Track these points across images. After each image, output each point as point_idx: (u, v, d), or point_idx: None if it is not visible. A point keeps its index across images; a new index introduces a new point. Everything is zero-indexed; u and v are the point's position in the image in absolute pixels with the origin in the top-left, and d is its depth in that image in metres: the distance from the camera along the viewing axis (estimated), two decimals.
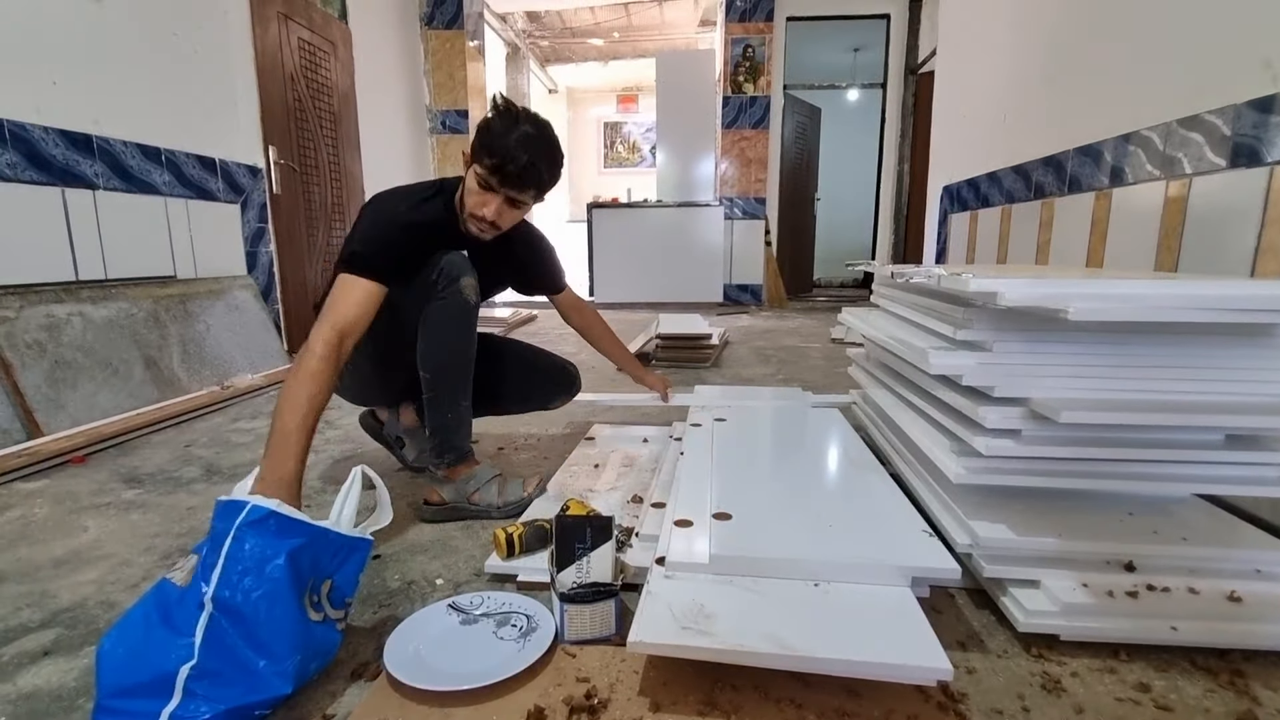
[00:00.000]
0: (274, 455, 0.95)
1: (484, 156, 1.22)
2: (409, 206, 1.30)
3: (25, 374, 1.92)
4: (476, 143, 1.24)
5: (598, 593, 0.92)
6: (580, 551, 0.92)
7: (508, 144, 1.20)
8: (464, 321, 1.29)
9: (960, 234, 3.69)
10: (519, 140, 1.20)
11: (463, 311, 1.28)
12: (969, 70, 3.66)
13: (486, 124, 1.24)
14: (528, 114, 1.26)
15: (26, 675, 0.90)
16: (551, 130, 1.28)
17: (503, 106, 1.24)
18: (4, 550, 1.27)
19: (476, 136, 1.25)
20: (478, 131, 1.24)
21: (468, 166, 1.28)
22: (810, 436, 1.63)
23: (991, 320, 0.99)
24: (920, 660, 0.75)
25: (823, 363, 3.15)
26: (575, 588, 0.92)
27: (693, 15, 7.10)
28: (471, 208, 1.27)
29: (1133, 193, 2.11)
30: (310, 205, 3.71)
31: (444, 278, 1.26)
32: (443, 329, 1.28)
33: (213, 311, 2.72)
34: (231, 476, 1.66)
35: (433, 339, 1.29)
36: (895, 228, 6.06)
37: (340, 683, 0.86)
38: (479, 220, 1.28)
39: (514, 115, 1.23)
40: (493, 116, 1.24)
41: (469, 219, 1.29)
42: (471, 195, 1.27)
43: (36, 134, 2.13)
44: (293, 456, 0.95)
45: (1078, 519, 1.03)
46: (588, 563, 0.92)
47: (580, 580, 0.92)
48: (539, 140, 1.23)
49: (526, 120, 1.24)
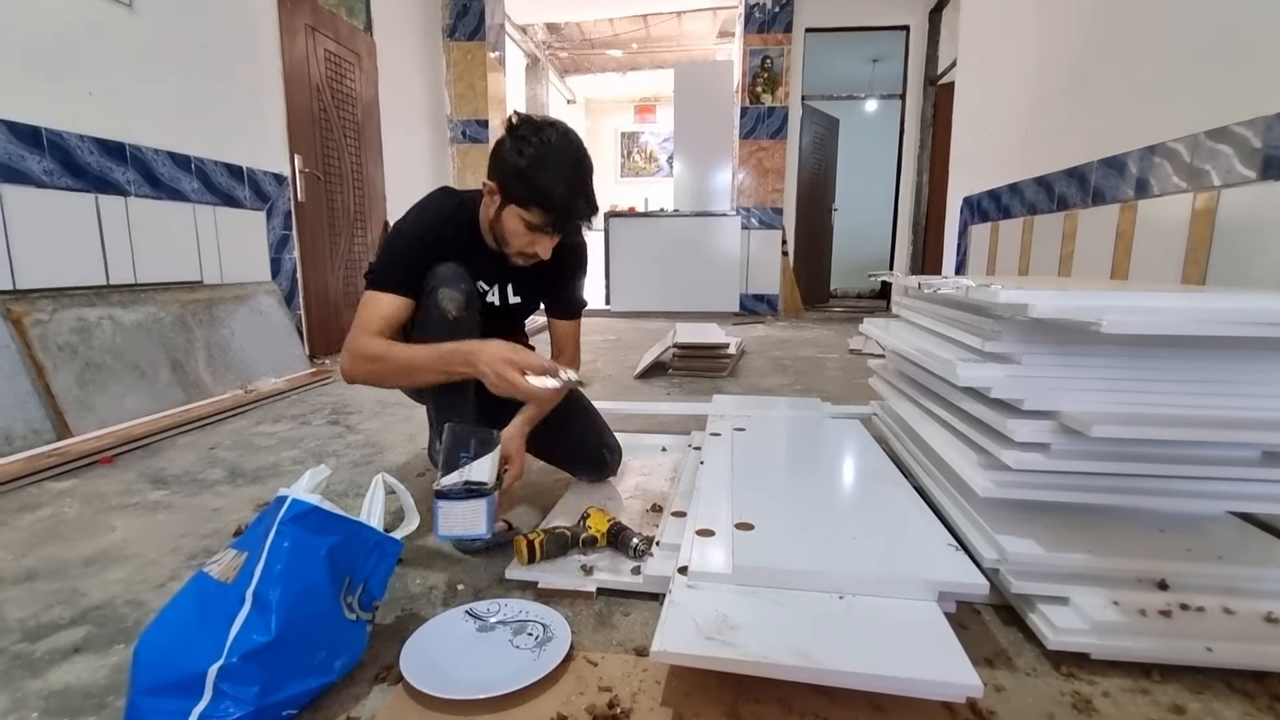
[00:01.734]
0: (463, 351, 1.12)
1: (528, 203, 1.16)
2: (426, 224, 1.27)
3: (57, 376, 1.96)
4: (513, 183, 1.16)
5: (469, 491, 0.95)
6: (464, 459, 0.96)
7: (555, 190, 1.14)
8: (440, 331, 1.20)
9: (981, 245, 3.66)
10: (566, 181, 1.15)
11: (439, 323, 1.19)
12: (990, 81, 3.64)
13: (520, 163, 1.14)
14: (558, 137, 1.17)
15: (57, 672, 0.91)
16: (581, 144, 1.21)
17: (531, 136, 1.15)
18: (35, 548, 1.29)
19: (507, 173, 1.16)
20: (508, 168, 1.16)
21: (495, 199, 1.21)
22: (831, 447, 1.62)
23: (1021, 332, 0.98)
24: (949, 676, 0.74)
25: (841, 374, 3.13)
26: (449, 487, 0.93)
27: (711, 27, 7.14)
28: (520, 247, 1.23)
29: (1159, 205, 2.08)
30: (333, 213, 3.76)
31: (426, 288, 1.22)
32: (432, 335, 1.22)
33: (237, 316, 2.76)
34: (255, 479, 1.68)
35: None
36: (914, 239, 6.03)
37: (364, 685, 0.87)
38: (528, 256, 1.25)
39: (548, 145, 1.14)
40: (522, 148, 1.14)
41: (515, 255, 1.25)
42: (517, 237, 1.21)
43: (72, 142, 2.19)
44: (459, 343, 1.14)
45: (1108, 535, 1.02)
46: (469, 470, 0.95)
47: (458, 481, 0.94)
48: (580, 170, 1.18)
49: (562, 150, 1.16)
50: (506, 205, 1.19)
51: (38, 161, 2.08)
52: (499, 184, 1.19)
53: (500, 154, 1.18)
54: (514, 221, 1.20)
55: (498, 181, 1.19)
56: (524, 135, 1.16)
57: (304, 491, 0.84)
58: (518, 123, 1.18)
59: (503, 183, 1.18)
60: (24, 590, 1.13)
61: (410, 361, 1.16)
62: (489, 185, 1.21)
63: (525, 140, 1.15)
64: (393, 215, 4.37)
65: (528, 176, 1.14)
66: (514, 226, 1.20)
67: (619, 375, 2.98)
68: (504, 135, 1.19)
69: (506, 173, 1.16)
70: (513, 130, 1.18)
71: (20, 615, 1.05)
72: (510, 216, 1.20)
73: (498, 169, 1.19)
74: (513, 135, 1.17)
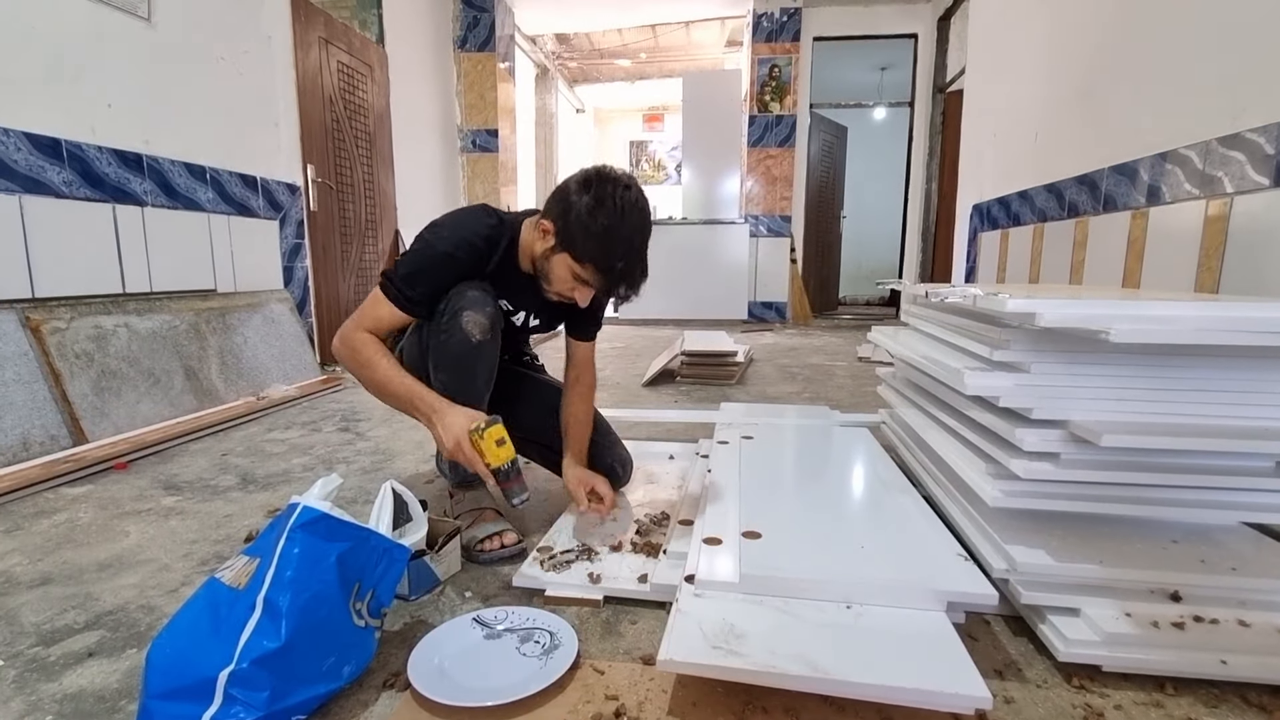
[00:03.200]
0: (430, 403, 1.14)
1: (586, 262, 1.14)
2: (462, 240, 1.21)
3: (73, 383, 1.99)
4: (577, 238, 1.13)
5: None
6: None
7: (617, 263, 1.13)
8: (461, 356, 1.19)
9: (991, 253, 3.64)
10: (629, 255, 1.14)
11: (462, 346, 1.18)
12: (1000, 88, 3.64)
13: (589, 224, 1.11)
14: (630, 205, 1.13)
15: (72, 675, 0.92)
16: (649, 213, 1.18)
17: (606, 200, 1.11)
18: (51, 552, 1.31)
19: (574, 227, 1.13)
20: (575, 222, 1.12)
21: (550, 240, 1.17)
22: (839, 456, 1.61)
23: (1029, 340, 0.98)
24: (958, 688, 0.74)
25: (849, 381, 3.12)
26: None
27: (719, 36, 7.17)
28: (561, 291, 1.21)
29: (1170, 212, 2.07)
30: (345, 222, 3.80)
31: (449, 310, 1.19)
32: (439, 364, 1.22)
33: (250, 324, 2.80)
34: (266, 485, 1.69)
35: (433, 376, 1.23)
36: (923, 246, 6.01)
37: (372, 691, 0.87)
38: (564, 297, 1.23)
39: (621, 214, 1.12)
40: (595, 211, 1.11)
41: (552, 293, 1.23)
42: (562, 282, 1.19)
43: (91, 153, 2.23)
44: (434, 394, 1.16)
45: (1118, 546, 1.01)
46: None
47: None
48: (644, 242, 1.16)
49: (633, 221, 1.13)
50: (561, 252, 1.16)
51: (57, 172, 2.12)
52: (559, 231, 1.15)
53: (568, 203, 1.14)
54: (563, 269, 1.17)
55: (559, 228, 1.15)
56: (600, 197, 1.12)
57: (315, 499, 0.85)
58: (595, 179, 1.14)
59: (565, 233, 1.14)
60: (39, 595, 1.15)
61: (385, 384, 1.18)
62: (546, 225, 1.17)
63: (600, 203, 1.11)
64: (403, 224, 4.42)
65: (594, 240, 1.12)
66: (562, 273, 1.18)
67: (626, 383, 2.99)
68: (577, 185, 1.15)
69: (573, 226, 1.13)
70: (588, 186, 1.13)
71: (35, 619, 1.07)
72: (561, 263, 1.17)
73: (563, 217, 1.14)
74: (588, 190, 1.13)
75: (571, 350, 1.46)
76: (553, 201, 1.18)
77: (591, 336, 1.46)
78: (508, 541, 1.24)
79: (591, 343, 1.47)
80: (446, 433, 1.11)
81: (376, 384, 1.19)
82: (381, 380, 1.18)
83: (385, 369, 1.17)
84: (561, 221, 1.15)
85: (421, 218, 1.49)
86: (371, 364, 1.18)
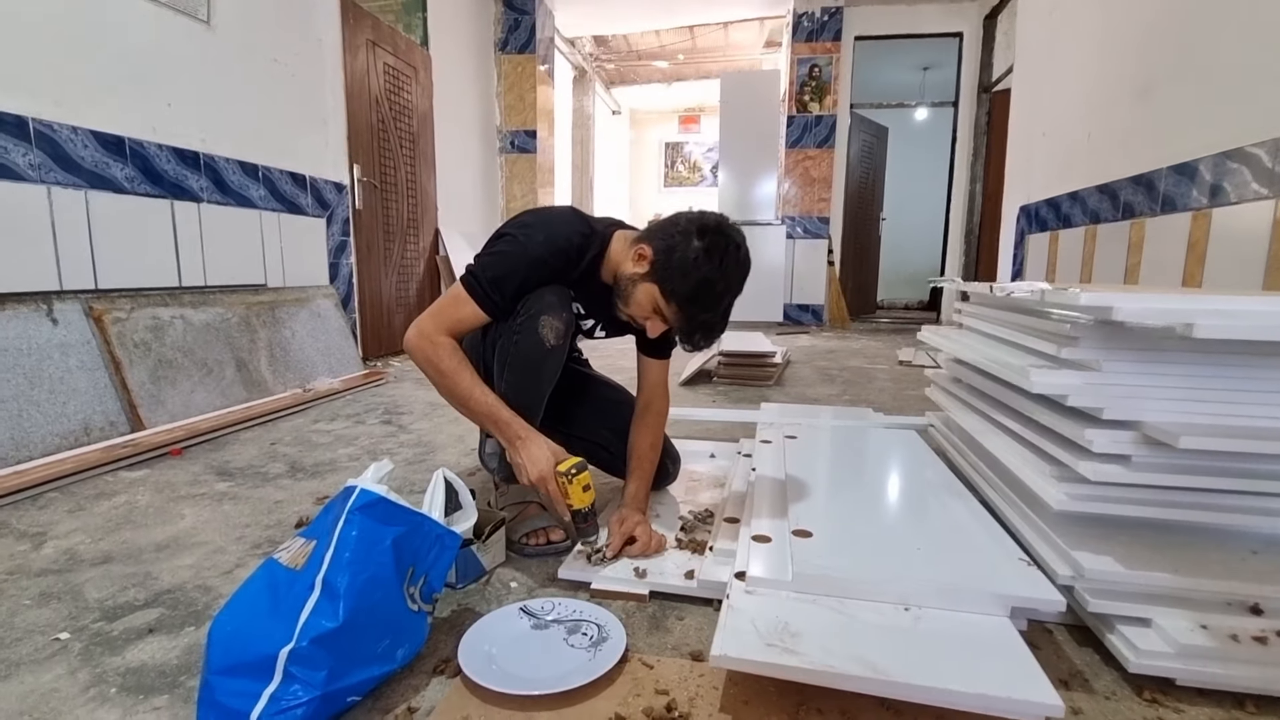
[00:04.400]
0: (515, 430, 1.15)
1: (674, 302, 1.12)
2: (557, 249, 1.18)
3: (133, 371, 2.06)
4: (676, 278, 1.10)
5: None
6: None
7: (706, 316, 1.13)
8: (532, 359, 1.19)
9: (1039, 255, 3.54)
10: (722, 312, 1.14)
11: (535, 350, 1.18)
12: (1049, 87, 3.53)
13: (694, 272, 1.09)
14: (737, 266, 1.12)
15: (133, 650, 0.95)
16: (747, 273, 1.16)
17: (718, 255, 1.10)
18: (111, 532, 1.36)
19: (675, 267, 1.10)
20: (679, 263, 1.10)
21: (644, 266, 1.14)
22: (887, 457, 1.58)
23: (1100, 337, 0.94)
24: (1028, 694, 0.71)
25: (891, 385, 3.06)
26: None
27: (758, 37, 7.12)
28: (636, 316, 1.19)
29: (1235, 213, 1.98)
30: (388, 220, 3.88)
31: (526, 311, 1.17)
32: (508, 363, 1.21)
33: (298, 319, 2.86)
34: (314, 474, 1.73)
35: (497, 373, 1.22)
36: (966, 249, 5.86)
37: (423, 677, 0.88)
38: (636, 321, 1.21)
39: (726, 273, 1.11)
40: (703, 263, 1.09)
41: (625, 314, 1.21)
42: (640, 309, 1.17)
43: (152, 150, 2.31)
44: (518, 419, 1.16)
45: (1193, 555, 0.96)
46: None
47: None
48: (731, 302, 1.15)
49: (734, 282, 1.13)
50: (650, 283, 1.14)
51: (120, 169, 2.20)
52: (658, 264, 1.12)
53: (675, 241, 1.11)
54: (647, 298, 1.15)
55: (659, 261, 1.12)
56: (711, 248, 1.10)
57: (370, 483, 0.86)
58: (714, 230, 1.12)
59: (663, 268, 1.12)
60: (101, 572, 1.19)
61: (466, 398, 1.16)
62: (644, 250, 1.14)
63: (711, 255, 1.10)
64: (443, 224, 4.49)
65: (690, 285, 1.10)
66: (644, 301, 1.16)
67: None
68: (691, 226, 1.12)
69: (675, 266, 1.10)
70: (703, 233, 1.11)
71: (99, 595, 1.10)
72: (646, 292, 1.15)
73: (666, 252, 1.12)
74: (701, 237, 1.10)
75: (644, 369, 1.39)
76: (659, 232, 1.16)
77: (667, 355, 1.40)
78: (554, 538, 1.24)
79: (666, 361, 1.40)
80: (531, 464, 1.12)
81: (458, 397, 1.17)
82: (464, 394, 1.16)
83: (469, 383, 1.15)
84: (664, 256, 1.12)
85: (461, 217, 1.50)
86: (455, 375, 1.15)
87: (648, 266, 1.14)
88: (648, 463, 1.34)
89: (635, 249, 1.17)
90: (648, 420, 1.37)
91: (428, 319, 1.18)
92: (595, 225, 1.25)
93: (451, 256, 4.43)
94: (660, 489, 1.50)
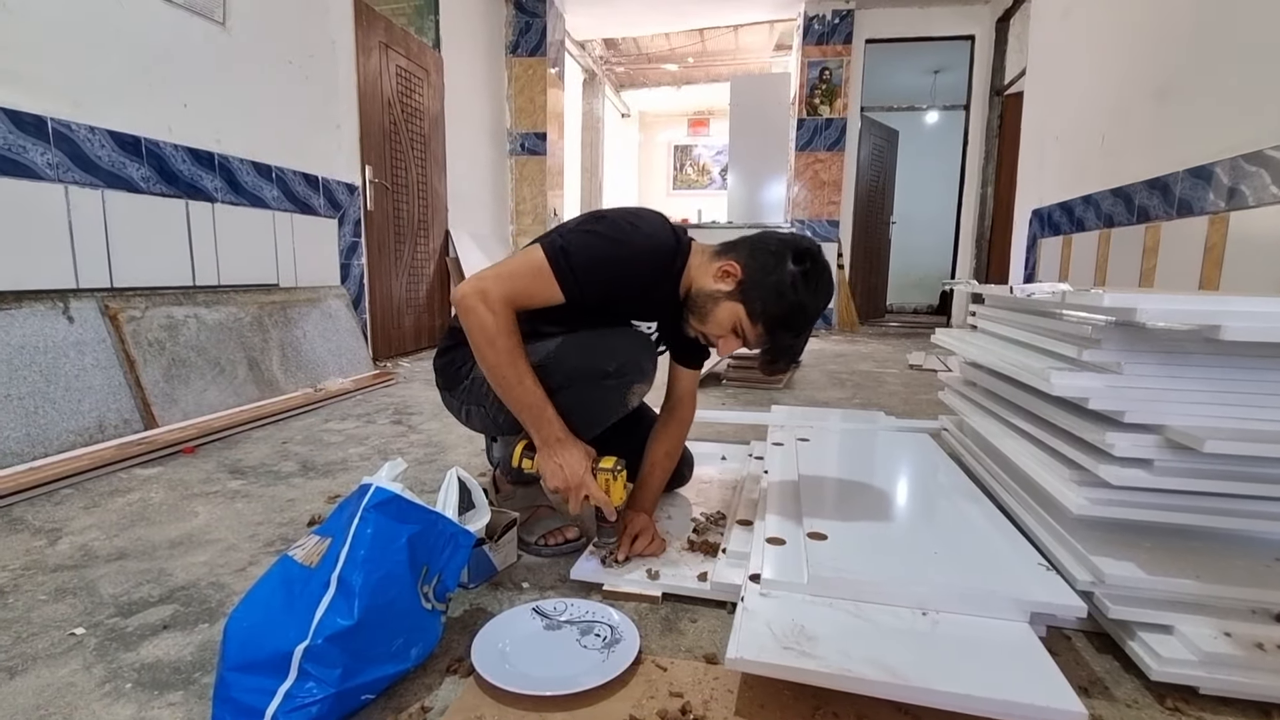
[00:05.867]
0: (555, 431, 1.09)
1: (759, 322, 1.09)
2: (656, 255, 1.12)
3: (146, 369, 2.08)
4: (766, 299, 1.07)
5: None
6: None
7: (789, 340, 1.11)
8: (610, 412, 1.18)
9: (1051, 259, 3.51)
10: (803, 330, 1.12)
11: (618, 407, 1.17)
12: (1063, 89, 3.51)
13: (788, 295, 1.06)
14: (824, 290, 1.11)
15: (148, 646, 0.95)
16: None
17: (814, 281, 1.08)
18: (125, 529, 1.36)
19: (769, 289, 1.07)
20: (773, 286, 1.07)
21: (729, 284, 1.10)
22: (900, 460, 1.56)
23: (1122, 339, 0.93)
24: (1049, 701, 0.69)
25: (902, 389, 3.04)
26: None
27: (768, 40, 7.11)
28: (711, 334, 1.15)
29: (1254, 216, 1.96)
30: (399, 222, 3.89)
31: (620, 370, 1.13)
32: (586, 412, 1.15)
33: (309, 318, 2.88)
34: (325, 473, 1.73)
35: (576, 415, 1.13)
36: (977, 253, 5.83)
37: (436, 675, 0.88)
38: (706, 339, 1.18)
39: (815, 297, 1.09)
40: (799, 288, 1.07)
41: (695, 330, 1.17)
42: (718, 327, 1.13)
43: (168, 150, 2.33)
44: (559, 420, 1.09)
45: (1215, 561, 0.94)
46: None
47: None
48: (812, 326, 1.14)
49: (821, 304, 1.11)
50: (734, 302, 1.10)
51: (136, 169, 2.22)
52: (746, 283, 1.09)
53: (771, 262, 1.08)
54: (728, 317, 1.10)
55: (748, 281, 1.09)
56: (809, 275, 1.08)
57: (385, 481, 0.86)
58: (811, 256, 1.09)
59: (753, 289, 1.08)
60: (116, 568, 1.19)
61: (514, 385, 1.07)
62: (732, 268, 1.10)
63: (809, 282, 1.08)
64: (453, 225, 4.50)
65: (783, 309, 1.08)
66: (724, 320, 1.11)
67: None
68: (786, 249, 1.09)
69: (768, 288, 1.07)
70: (800, 259, 1.08)
71: (114, 591, 1.11)
72: (729, 311, 1.10)
73: (760, 273, 1.08)
74: (799, 263, 1.08)
75: (676, 377, 1.35)
76: (748, 251, 1.11)
77: (700, 365, 1.37)
78: (570, 536, 1.24)
79: (698, 371, 1.37)
80: (569, 469, 1.07)
81: (505, 380, 1.07)
82: (513, 379, 1.06)
83: (522, 369, 1.06)
84: (757, 276, 1.08)
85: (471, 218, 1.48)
86: (511, 355, 1.05)
87: (734, 285, 1.09)
88: (660, 470, 1.31)
89: (720, 265, 1.11)
90: (670, 427, 1.34)
91: (493, 281, 1.05)
92: (680, 236, 1.18)
93: (461, 258, 4.45)
94: (671, 491, 1.49)
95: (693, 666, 0.90)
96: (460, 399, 1.27)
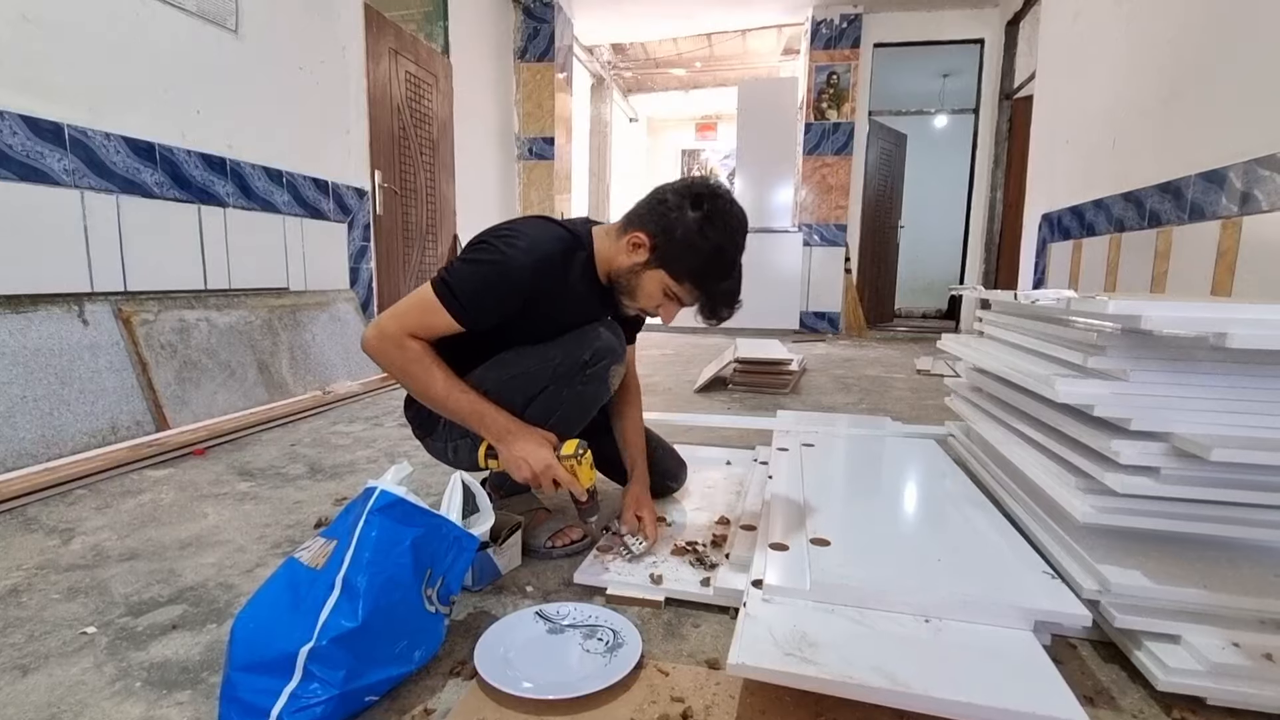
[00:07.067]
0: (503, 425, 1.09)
1: (686, 281, 1.09)
2: (543, 256, 1.09)
3: (158, 372, 2.10)
4: (680, 255, 1.07)
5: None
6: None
7: (722, 284, 1.10)
8: (595, 404, 1.19)
9: (1061, 263, 3.49)
10: (734, 275, 1.11)
11: (602, 396, 1.18)
12: (1073, 93, 3.49)
13: (698, 242, 1.05)
14: (735, 220, 1.09)
15: (157, 646, 0.96)
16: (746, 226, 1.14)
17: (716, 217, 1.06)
18: (136, 529, 1.38)
19: (678, 245, 1.06)
20: (680, 241, 1.06)
21: (642, 254, 1.10)
22: (906, 467, 1.56)
23: (1128, 346, 0.92)
24: (1052, 711, 0.69)
25: (909, 394, 3.02)
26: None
27: (776, 44, 7.12)
28: (646, 307, 1.16)
29: (1267, 221, 1.94)
30: (408, 226, 3.92)
31: (595, 359, 1.14)
32: (569, 412, 1.17)
33: (318, 322, 2.90)
34: (333, 475, 1.75)
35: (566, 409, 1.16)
36: (986, 257, 5.79)
37: (439, 678, 0.88)
38: (646, 314, 1.19)
39: (729, 232, 1.08)
40: (705, 229, 1.05)
41: (632, 308, 1.18)
42: (649, 299, 1.13)
43: (181, 156, 2.36)
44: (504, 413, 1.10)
45: (1222, 571, 0.93)
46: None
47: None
48: (740, 258, 1.12)
49: (738, 236, 1.10)
50: (655, 269, 1.10)
51: (150, 174, 2.25)
52: (658, 248, 1.08)
53: (670, 219, 1.07)
54: (655, 285, 1.11)
55: (658, 244, 1.08)
56: (710, 214, 1.07)
57: (390, 484, 0.87)
58: (705, 194, 1.08)
59: (665, 250, 1.08)
60: (126, 568, 1.21)
61: (445, 399, 1.08)
62: (639, 238, 1.09)
63: (710, 220, 1.06)
64: (461, 229, 4.52)
65: (701, 259, 1.07)
66: (652, 290, 1.12)
67: (678, 389, 2.97)
68: (677, 197, 1.09)
69: (676, 244, 1.07)
70: (697, 201, 1.07)
71: (124, 591, 1.12)
72: (654, 279, 1.10)
73: (665, 233, 1.07)
74: (696, 206, 1.07)
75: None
76: (648, 214, 1.11)
77: (634, 338, 1.40)
78: (575, 536, 1.25)
79: (633, 345, 1.40)
80: (532, 459, 1.06)
81: (434, 398, 1.09)
82: (441, 395, 1.09)
83: (444, 383, 1.08)
84: (662, 237, 1.07)
85: (479, 223, 1.49)
86: (429, 376, 1.08)
87: (647, 254, 1.10)
88: (634, 444, 1.35)
89: (627, 239, 1.11)
90: (627, 403, 1.36)
91: (390, 320, 1.08)
92: (572, 228, 1.18)
93: None
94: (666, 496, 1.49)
95: (695, 671, 0.90)
96: (441, 440, 1.28)
